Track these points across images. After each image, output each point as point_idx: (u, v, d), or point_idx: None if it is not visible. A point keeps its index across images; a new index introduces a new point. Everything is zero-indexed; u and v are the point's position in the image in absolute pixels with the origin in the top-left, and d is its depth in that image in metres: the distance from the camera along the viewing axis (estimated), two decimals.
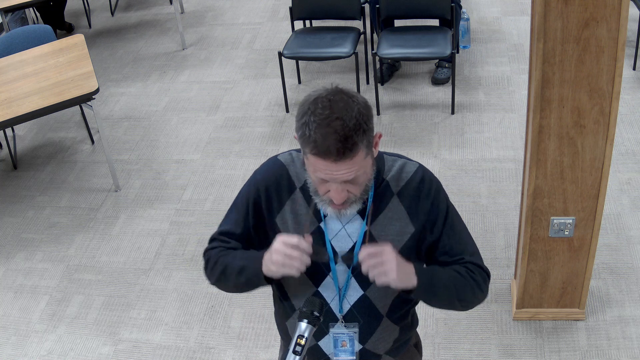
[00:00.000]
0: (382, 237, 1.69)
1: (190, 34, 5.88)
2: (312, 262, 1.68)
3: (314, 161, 1.53)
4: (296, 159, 1.76)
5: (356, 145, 1.50)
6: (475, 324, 3.13)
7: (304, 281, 1.74)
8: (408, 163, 1.74)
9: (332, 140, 1.48)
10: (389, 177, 1.71)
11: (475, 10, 5.62)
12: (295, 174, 1.74)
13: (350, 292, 1.73)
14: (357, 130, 1.50)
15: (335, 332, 1.77)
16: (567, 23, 2.31)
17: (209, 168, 4.33)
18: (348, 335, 1.76)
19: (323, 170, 1.53)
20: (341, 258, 1.71)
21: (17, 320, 3.45)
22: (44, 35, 4.59)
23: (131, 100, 5.11)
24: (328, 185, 1.58)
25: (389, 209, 1.70)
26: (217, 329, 3.28)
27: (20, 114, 3.77)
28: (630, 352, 2.93)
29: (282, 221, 1.74)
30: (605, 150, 2.56)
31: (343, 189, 1.57)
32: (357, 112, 1.51)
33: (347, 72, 5.03)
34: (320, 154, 1.50)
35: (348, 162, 1.51)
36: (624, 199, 3.69)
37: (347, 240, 1.71)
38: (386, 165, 1.73)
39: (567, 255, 2.87)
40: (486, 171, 4.01)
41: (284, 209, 1.74)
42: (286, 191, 1.74)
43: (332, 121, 1.49)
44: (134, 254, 3.77)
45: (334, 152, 1.49)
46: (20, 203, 4.25)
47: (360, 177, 1.57)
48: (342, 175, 1.53)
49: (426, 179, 1.73)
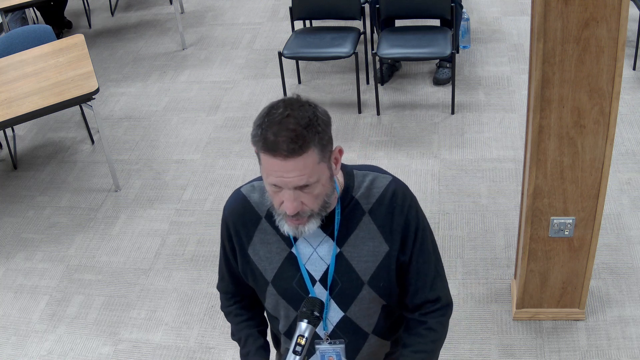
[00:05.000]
0: (356, 258, 1.65)
1: (190, 34, 5.88)
2: (290, 286, 1.69)
3: (265, 161, 1.49)
4: (257, 188, 1.73)
5: (307, 144, 1.45)
6: (475, 324, 3.13)
7: (285, 306, 1.73)
8: (379, 177, 1.68)
9: (282, 137, 1.44)
10: (359, 194, 1.65)
11: (475, 10, 5.62)
12: (256, 204, 1.71)
13: (331, 314, 1.72)
14: (308, 128, 1.45)
15: (322, 349, 1.76)
16: (567, 23, 2.31)
17: (209, 168, 4.33)
18: (334, 351, 1.75)
19: (274, 172, 1.48)
20: (318, 281, 1.68)
21: (17, 320, 3.45)
22: (44, 35, 4.59)
23: (131, 100, 5.11)
24: (282, 194, 1.52)
25: (360, 229, 1.65)
26: (217, 329, 3.28)
27: (20, 114, 3.77)
28: (630, 352, 2.93)
29: (254, 253, 1.72)
30: (605, 150, 2.56)
31: (296, 198, 1.51)
32: (311, 114, 1.48)
33: (347, 72, 5.03)
34: (270, 150, 1.46)
35: (298, 163, 1.46)
36: (624, 199, 3.69)
37: (321, 263, 1.67)
38: (356, 182, 1.67)
39: (567, 255, 2.87)
40: (486, 171, 4.01)
41: (254, 240, 1.71)
42: (252, 223, 1.71)
43: (284, 118, 1.46)
44: (134, 254, 3.77)
45: (284, 148, 1.44)
46: (20, 203, 4.25)
47: (315, 187, 1.51)
48: (292, 179, 1.47)
49: (398, 193, 1.66)
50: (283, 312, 1.75)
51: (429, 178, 4.01)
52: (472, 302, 3.23)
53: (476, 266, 3.42)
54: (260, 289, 1.76)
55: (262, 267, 1.72)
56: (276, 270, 1.70)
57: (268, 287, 1.72)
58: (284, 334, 1.80)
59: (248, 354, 1.84)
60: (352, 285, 1.67)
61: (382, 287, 1.68)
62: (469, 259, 3.46)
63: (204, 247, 3.75)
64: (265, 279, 1.72)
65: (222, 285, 1.92)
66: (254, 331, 1.87)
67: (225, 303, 1.93)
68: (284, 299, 1.71)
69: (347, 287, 1.67)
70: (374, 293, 1.68)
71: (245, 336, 1.87)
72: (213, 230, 3.85)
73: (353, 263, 1.66)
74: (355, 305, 1.69)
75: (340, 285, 1.67)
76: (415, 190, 3.90)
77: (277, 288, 1.71)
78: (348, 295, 1.68)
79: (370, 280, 1.66)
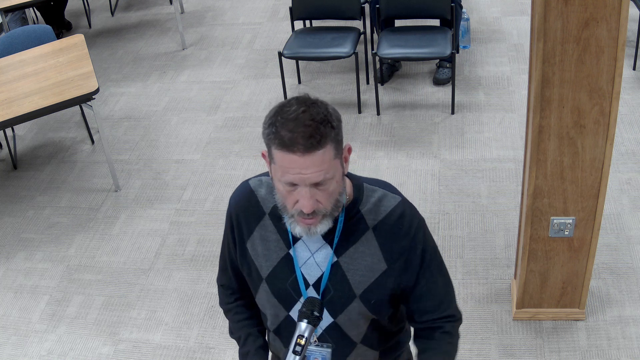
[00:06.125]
0: (352, 270, 1.65)
1: (190, 34, 5.88)
2: (284, 287, 1.69)
3: (281, 159, 1.47)
4: (264, 183, 1.72)
5: (324, 139, 1.44)
6: (475, 324, 3.13)
7: (275, 305, 1.73)
8: (388, 196, 1.67)
9: (299, 132, 1.43)
10: (365, 209, 1.64)
11: (475, 10, 5.62)
12: (262, 199, 1.70)
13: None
14: (324, 124, 1.45)
15: (309, 350, 1.75)
16: (567, 23, 2.31)
17: (209, 168, 4.33)
18: (321, 354, 1.74)
19: (291, 170, 1.46)
20: (312, 285, 1.68)
21: (17, 320, 3.45)
22: (44, 35, 4.59)
23: (131, 100, 5.11)
24: (297, 193, 1.50)
25: (361, 243, 1.64)
26: (217, 329, 3.28)
27: (20, 114, 3.77)
28: (630, 352, 2.93)
29: (252, 247, 1.72)
30: (605, 150, 2.56)
31: (312, 196, 1.49)
32: (324, 110, 1.48)
33: (347, 72, 5.04)
34: (287, 146, 1.44)
35: (316, 159, 1.44)
36: (624, 199, 3.69)
37: (316, 269, 1.67)
38: (364, 196, 1.65)
39: (567, 255, 2.87)
40: (486, 171, 4.01)
41: (254, 235, 1.71)
42: (255, 217, 1.71)
43: (299, 114, 1.45)
44: (134, 254, 3.77)
45: (302, 143, 1.42)
46: (20, 203, 4.25)
47: (330, 184, 1.50)
48: (310, 175, 1.46)
49: (406, 215, 1.65)
50: (272, 310, 1.75)
51: (429, 178, 4.01)
52: (472, 302, 3.23)
53: (476, 266, 3.42)
54: (254, 283, 1.76)
55: (259, 263, 1.72)
56: (271, 268, 1.70)
57: (262, 283, 1.72)
58: (273, 332, 1.80)
59: (247, 354, 1.83)
60: (344, 296, 1.66)
61: (373, 303, 1.67)
62: (469, 259, 3.46)
63: (204, 247, 3.75)
64: (260, 275, 1.72)
65: (223, 279, 1.91)
66: (253, 330, 1.87)
67: (225, 299, 1.92)
68: (276, 297, 1.71)
69: (338, 296, 1.67)
70: (364, 307, 1.67)
71: (244, 335, 1.86)
72: (213, 230, 3.85)
73: (348, 274, 1.65)
74: (344, 314, 1.68)
75: (332, 293, 1.67)
76: (415, 190, 3.92)
77: (271, 286, 1.71)
78: (338, 304, 1.68)
79: (362, 295, 1.66)
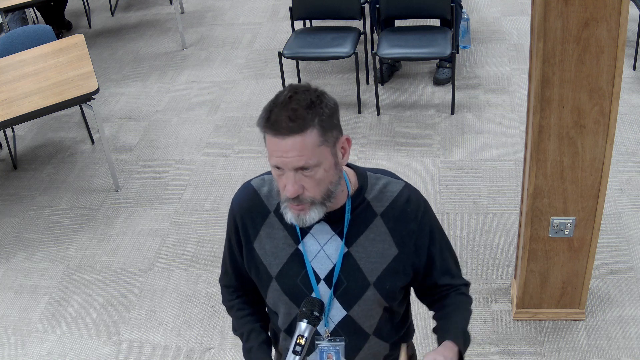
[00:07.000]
0: (364, 258, 1.66)
1: (190, 34, 5.88)
2: (295, 283, 1.69)
3: (268, 142, 1.51)
4: (267, 182, 1.74)
5: (306, 123, 1.47)
6: (475, 324, 3.13)
7: (286, 303, 1.73)
8: (392, 182, 1.70)
9: (283, 116, 1.47)
10: (371, 196, 1.67)
11: (475, 10, 5.62)
12: (266, 197, 1.72)
13: (333, 312, 1.71)
14: (309, 109, 1.48)
15: (322, 346, 1.76)
16: (567, 23, 2.31)
17: (209, 168, 4.33)
18: (334, 348, 1.75)
19: (275, 152, 1.50)
20: (323, 279, 1.69)
21: (17, 320, 3.45)
22: (44, 35, 4.59)
23: (131, 100, 5.11)
24: (284, 178, 1.54)
25: (371, 230, 1.66)
26: (217, 329, 3.28)
27: (20, 114, 3.77)
28: (630, 352, 2.93)
29: (259, 247, 1.72)
30: (605, 150, 2.56)
31: (297, 181, 1.52)
32: (315, 97, 1.50)
33: (347, 72, 5.04)
34: (271, 128, 1.48)
35: (297, 142, 1.47)
36: (624, 199, 3.69)
37: (327, 261, 1.68)
38: (369, 184, 1.69)
39: (567, 255, 2.87)
40: (486, 171, 4.01)
41: (260, 235, 1.72)
42: (260, 216, 1.72)
43: (286, 99, 1.49)
44: (134, 254, 3.77)
45: (283, 127, 1.46)
46: (20, 203, 4.25)
47: (316, 171, 1.52)
48: (291, 159, 1.48)
49: (412, 199, 1.69)
50: (284, 308, 1.74)
51: (429, 178, 4.01)
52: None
53: (476, 266, 3.42)
54: (263, 283, 1.75)
55: (267, 261, 1.71)
56: (281, 266, 1.70)
57: (271, 282, 1.72)
58: (284, 331, 1.80)
59: (251, 349, 1.83)
60: (358, 286, 1.68)
61: (387, 289, 1.69)
62: (469, 259, 3.46)
63: (204, 247, 3.75)
64: (270, 274, 1.72)
65: (225, 279, 1.91)
66: (256, 326, 1.87)
67: (227, 297, 1.92)
68: (287, 295, 1.71)
69: (352, 286, 1.68)
70: (379, 295, 1.69)
71: (248, 331, 1.86)
72: (213, 230, 3.85)
73: (361, 263, 1.66)
74: (358, 305, 1.69)
75: (345, 284, 1.67)
76: None
77: (281, 284, 1.71)
78: (352, 295, 1.68)
79: (376, 282, 1.67)
